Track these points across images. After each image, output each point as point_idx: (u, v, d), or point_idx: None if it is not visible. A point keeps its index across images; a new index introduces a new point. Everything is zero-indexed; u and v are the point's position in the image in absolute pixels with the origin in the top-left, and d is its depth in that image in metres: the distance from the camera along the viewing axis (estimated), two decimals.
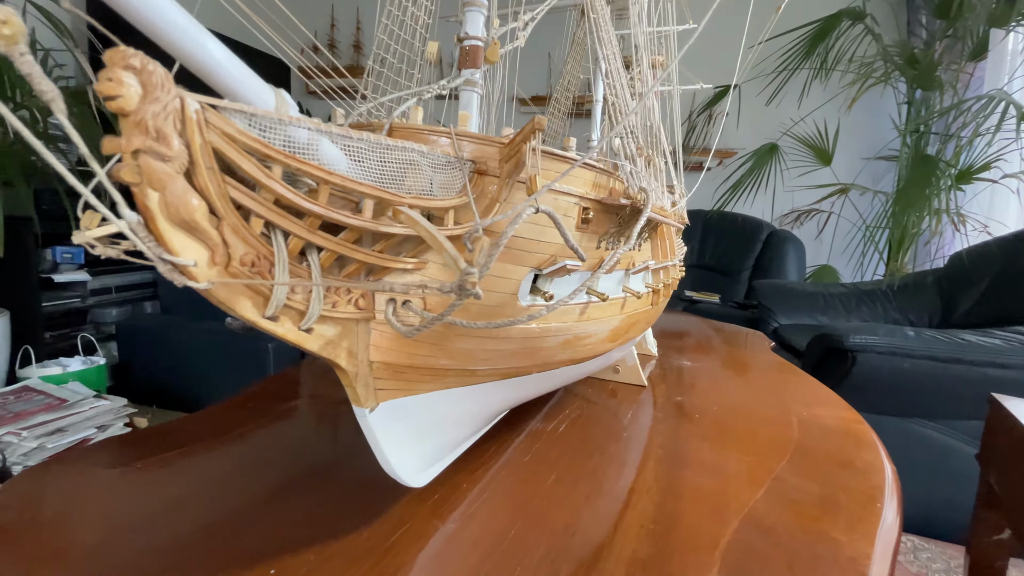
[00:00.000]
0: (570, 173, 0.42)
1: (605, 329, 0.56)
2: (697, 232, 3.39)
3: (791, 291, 2.53)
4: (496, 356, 0.45)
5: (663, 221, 0.54)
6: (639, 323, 0.66)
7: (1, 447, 1.72)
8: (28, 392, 2.08)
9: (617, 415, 0.76)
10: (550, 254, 0.42)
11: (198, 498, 0.52)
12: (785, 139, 3.10)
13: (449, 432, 0.50)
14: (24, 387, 2.07)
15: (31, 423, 1.81)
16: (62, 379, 2.17)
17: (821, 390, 0.93)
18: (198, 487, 0.54)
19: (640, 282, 0.63)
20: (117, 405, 1.99)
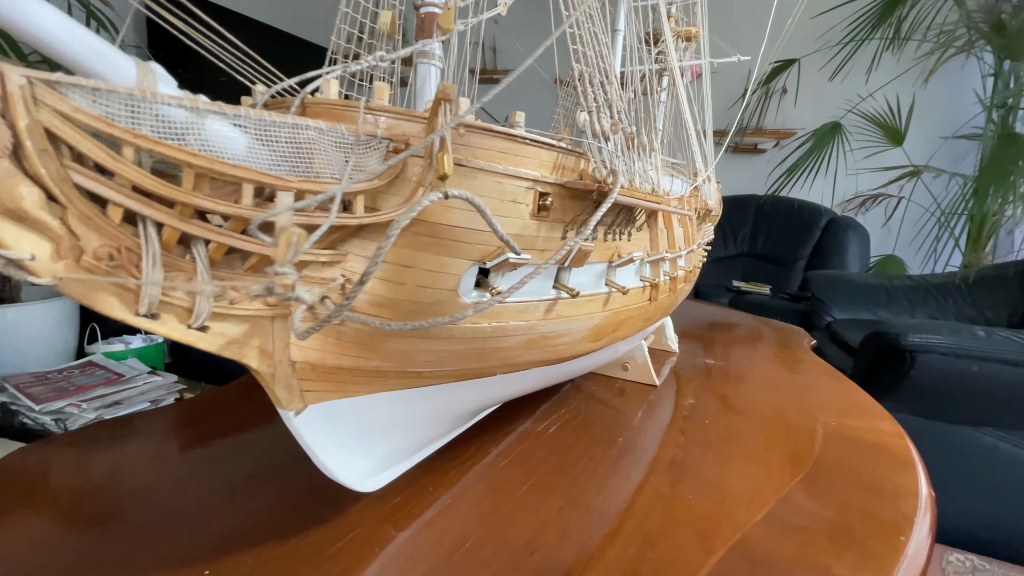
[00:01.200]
0: (522, 153, 0.37)
1: (582, 328, 0.50)
2: (749, 219, 3.21)
3: (849, 283, 2.35)
4: (442, 358, 0.40)
5: (648, 206, 0.47)
6: (632, 320, 0.60)
7: (63, 417, 1.85)
8: (91, 367, 2.22)
9: (618, 417, 0.70)
10: (497, 245, 0.37)
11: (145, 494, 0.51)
12: (850, 117, 2.86)
13: (406, 434, 0.47)
14: (88, 362, 2.21)
15: (90, 396, 1.93)
16: (122, 355, 2.30)
17: (859, 397, 0.83)
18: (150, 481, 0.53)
19: (631, 276, 0.57)
20: (168, 381, 2.10)
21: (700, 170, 0.85)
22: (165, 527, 0.45)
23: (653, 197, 0.51)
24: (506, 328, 0.42)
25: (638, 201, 0.45)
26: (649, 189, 0.51)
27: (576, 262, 0.44)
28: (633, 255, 0.50)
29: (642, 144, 0.53)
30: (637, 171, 0.49)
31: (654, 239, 0.60)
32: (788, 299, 2.70)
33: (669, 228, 0.66)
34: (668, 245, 0.66)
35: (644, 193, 0.49)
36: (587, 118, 0.41)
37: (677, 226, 0.73)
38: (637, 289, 0.58)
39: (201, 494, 0.50)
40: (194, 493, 0.51)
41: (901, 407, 1.56)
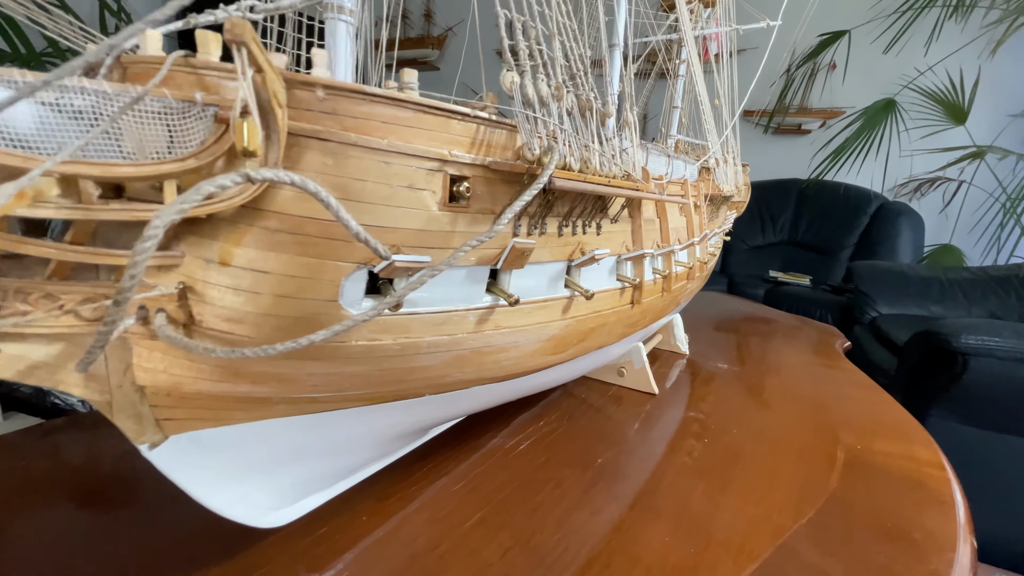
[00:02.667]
0: (419, 125, 0.29)
1: (534, 340, 0.42)
2: (790, 204, 3.02)
3: (897, 275, 2.16)
4: (338, 381, 0.33)
5: (605, 192, 0.38)
6: (608, 327, 0.51)
7: None
8: None
9: (604, 431, 0.62)
10: (392, 243, 0.29)
11: None
12: (905, 93, 2.63)
13: (318, 462, 0.40)
14: None
15: None
16: None
17: (893, 413, 0.72)
18: None
19: (604, 276, 0.48)
20: None
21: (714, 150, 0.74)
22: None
23: (622, 183, 0.41)
24: (419, 345, 0.34)
25: (586, 186, 0.36)
26: (618, 172, 0.42)
27: (512, 263, 0.36)
28: (596, 253, 0.42)
29: (626, 121, 0.44)
30: (601, 150, 0.40)
31: (637, 232, 0.51)
32: (829, 291, 2.52)
33: (663, 218, 0.57)
34: (661, 239, 0.57)
35: (604, 177, 0.40)
36: (515, 80, 0.32)
37: (678, 215, 0.63)
38: (613, 291, 0.49)
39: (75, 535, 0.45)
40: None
41: (950, 415, 1.41)
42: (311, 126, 0.25)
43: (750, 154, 3.17)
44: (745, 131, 3.23)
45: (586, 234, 0.43)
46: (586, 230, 0.43)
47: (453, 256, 0.28)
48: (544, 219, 0.38)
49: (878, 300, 2.13)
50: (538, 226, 0.38)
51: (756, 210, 3.13)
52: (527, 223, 0.37)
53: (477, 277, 0.36)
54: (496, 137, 0.33)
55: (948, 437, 1.39)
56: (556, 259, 0.41)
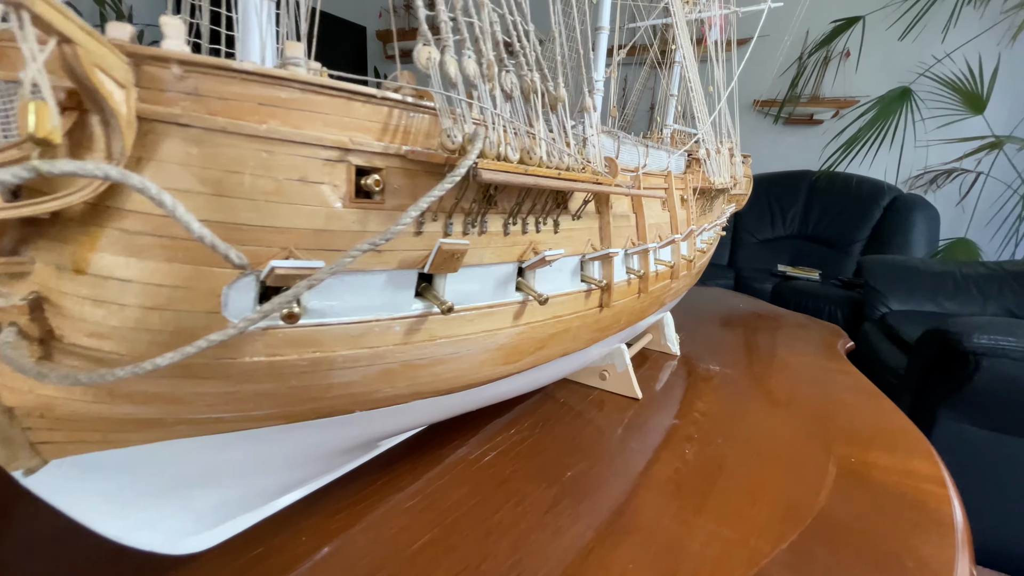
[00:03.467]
0: (311, 108, 0.25)
1: (479, 349, 0.38)
2: (800, 197, 2.94)
3: (910, 269, 2.09)
4: (237, 400, 0.29)
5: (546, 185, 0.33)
6: (571, 333, 0.47)
7: None
8: None
9: (579, 441, 0.58)
10: (283, 245, 0.25)
11: None
12: (921, 82, 2.53)
13: (241, 484, 0.36)
14: None
15: None
16: None
17: (894, 421, 0.67)
18: None
19: (564, 277, 0.44)
20: None
21: (704, 140, 0.69)
22: None
23: (576, 175, 0.37)
24: (333, 360, 0.30)
25: (522, 179, 0.32)
26: (573, 163, 0.38)
27: (442, 266, 0.32)
28: (547, 254, 0.37)
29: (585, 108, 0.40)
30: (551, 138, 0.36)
31: (605, 230, 0.47)
32: (839, 286, 2.46)
33: (639, 214, 0.53)
34: (637, 236, 0.53)
35: (554, 169, 0.35)
36: (432, 56, 0.28)
37: (659, 210, 0.59)
38: (577, 294, 0.45)
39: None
40: None
41: (960, 417, 1.36)
42: (167, 110, 0.22)
43: (760, 145, 3.10)
44: (755, 121, 3.15)
45: (540, 232, 0.39)
46: (540, 228, 0.39)
47: (339, 263, 0.24)
48: (483, 216, 0.34)
49: (889, 296, 2.07)
50: (476, 224, 0.34)
51: (765, 203, 3.06)
52: (462, 221, 0.33)
53: (402, 282, 0.32)
54: (416, 123, 0.29)
55: (957, 439, 1.34)
56: (502, 260, 0.37)
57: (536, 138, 0.34)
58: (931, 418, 1.37)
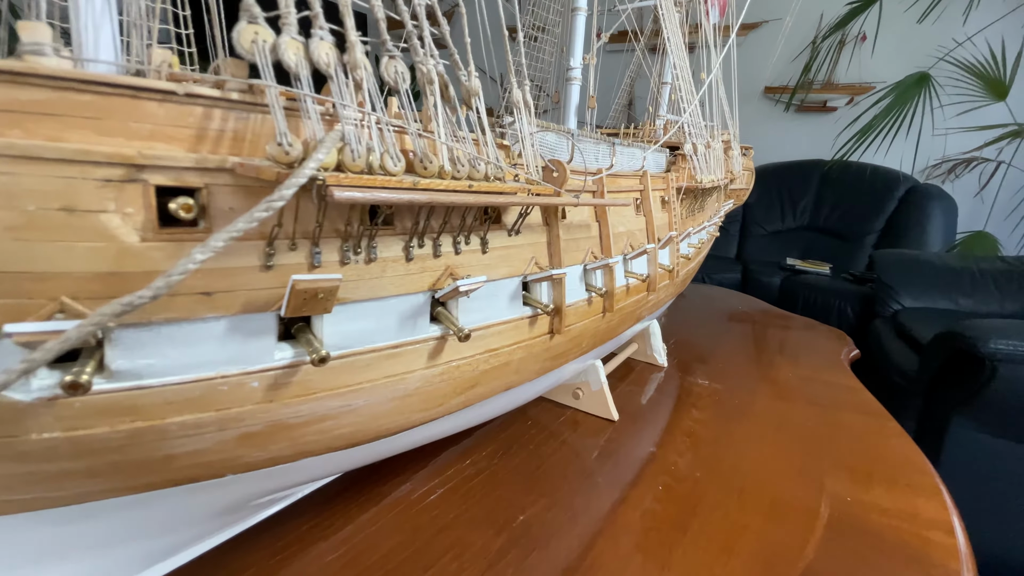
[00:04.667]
0: (81, 112, 0.19)
1: (384, 398, 0.32)
2: (812, 187, 2.84)
3: (924, 265, 2.00)
4: (45, 479, 0.24)
5: (411, 201, 0.27)
6: (512, 365, 0.40)
7: None
8: None
9: (540, 475, 0.52)
10: (54, 296, 0.19)
11: None
12: (941, 66, 2.41)
13: (91, 557, 0.31)
14: None
15: None
16: None
17: (899, 449, 0.61)
18: None
19: (500, 304, 0.38)
20: None
21: (690, 134, 0.62)
22: None
23: (481, 186, 0.30)
24: (163, 430, 0.24)
25: (389, 196, 0.25)
26: (488, 171, 0.31)
27: (304, 307, 0.25)
28: (462, 283, 0.31)
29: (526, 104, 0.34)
30: (452, 141, 0.30)
31: (554, 245, 0.40)
32: (851, 280, 2.36)
33: (603, 222, 0.46)
34: (601, 248, 0.46)
35: (458, 182, 0.28)
36: (257, 35, 0.21)
37: (632, 216, 0.52)
38: (518, 322, 0.39)
39: None
40: None
41: (973, 424, 1.29)
42: None
43: (770, 133, 3.00)
44: (765, 108, 3.05)
45: (461, 254, 0.33)
46: (460, 248, 0.33)
47: (80, 327, 0.18)
48: (371, 240, 0.28)
49: (902, 292, 1.97)
50: (362, 250, 0.28)
51: (775, 193, 2.97)
52: (337, 248, 0.27)
53: (255, 329, 0.26)
54: (255, 126, 0.22)
55: (969, 447, 1.27)
56: (407, 291, 0.31)
57: (439, 142, 0.28)
58: (943, 425, 1.30)
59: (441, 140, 0.28)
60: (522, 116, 0.35)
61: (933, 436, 1.33)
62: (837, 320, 2.17)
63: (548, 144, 0.41)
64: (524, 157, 0.34)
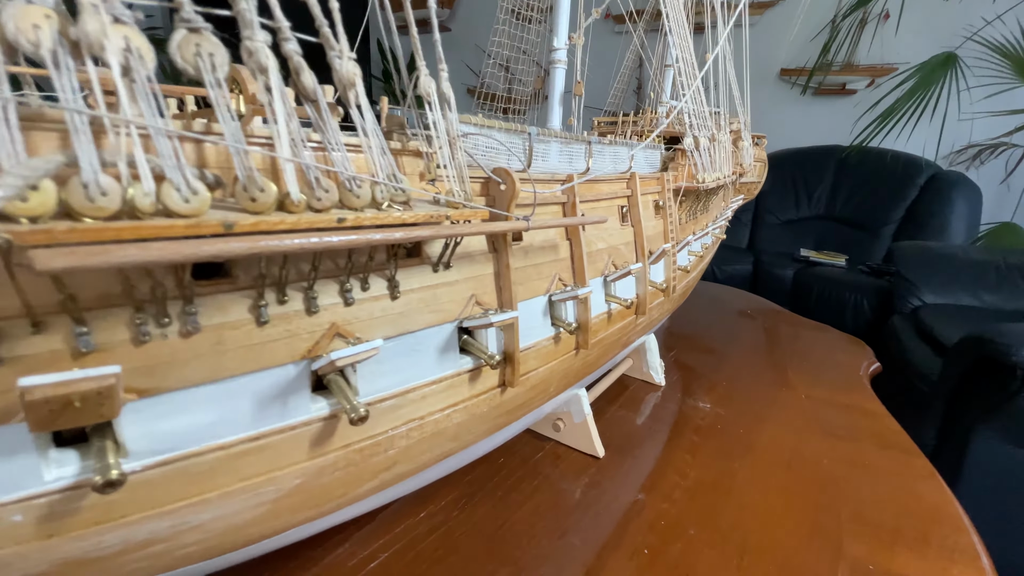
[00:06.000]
0: None
1: (244, 507, 0.24)
2: (828, 174, 2.72)
3: (947, 257, 1.89)
4: None
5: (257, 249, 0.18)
6: (446, 433, 0.32)
7: None
8: None
9: (507, 531, 0.44)
10: None
11: None
12: (968, 47, 2.27)
13: None
14: None
15: None
16: None
17: (926, 497, 0.52)
18: None
19: (427, 361, 0.30)
20: None
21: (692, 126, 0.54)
22: None
23: (320, 220, 0.21)
24: None
25: (121, 254, 0.16)
26: (364, 198, 0.22)
27: (56, 419, 0.17)
28: (337, 356, 0.23)
29: (441, 97, 0.25)
30: (325, 150, 0.21)
31: (503, 277, 0.32)
32: (868, 273, 2.25)
33: (574, 242, 0.38)
34: (574, 274, 0.38)
35: (306, 216, 0.20)
36: None
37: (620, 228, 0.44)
38: (456, 379, 0.31)
39: None
40: None
41: (999, 435, 1.20)
42: None
43: (786, 118, 2.87)
44: (781, 92, 2.91)
45: (352, 304, 0.25)
46: (350, 297, 0.25)
47: None
48: (189, 303, 0.20)
49: (922, 287, 1.87)
50: (172, 320, 0.20)
51: (790, 181, 2.85)
52: (127, 322, 0.19)
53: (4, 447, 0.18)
54: None
55: (994, 459, 1.18)
56: (264, 366, 0.23)
57: (282, 158, 0.20)
58: (965, 435, 1.22)
59: (281, 154, 0.19)
60: (440, 112, 0.26)
61: (955, 446, 1.25)
62: (853, 315, 2.07)
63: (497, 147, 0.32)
64: (445, 167, 0.26)
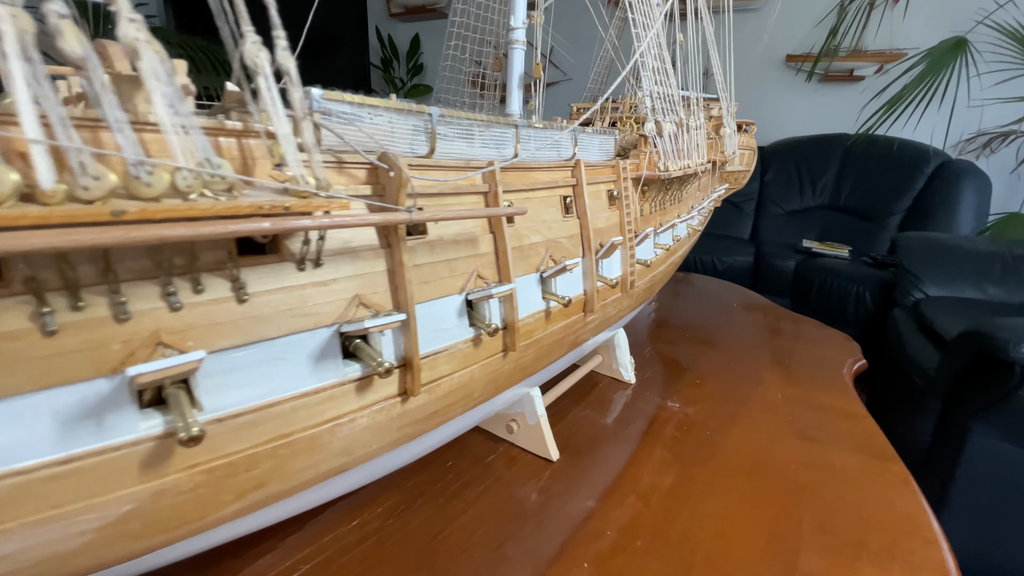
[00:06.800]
0: None
1: (60, 536, 0.20)
2: (833, 163, 2.66)
3: (951, 249, 1.84)
4: None
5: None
6: (329, 449, 0.28)
7: None
8: None
9: (441, 542, 0.42)
10: None
11: None
12: (979, 31, 2.19)
13: None
14: None
15: None
16: None
17: (897, 503, 0.49)
18: None
19: (301, 368, 0.26)
20: None
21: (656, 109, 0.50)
22: None
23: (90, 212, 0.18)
24: None
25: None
26: (162, 185, 0.19)
27: None
28: (134, 372, 0.19)
29: (256, 68, 0.22)
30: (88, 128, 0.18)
31: (397, 273, 0.29)
32: (872, 264, 2.20)
33: (497, 234, 0.35)
34: (499, 269, 0.35)
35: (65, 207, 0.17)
36: None
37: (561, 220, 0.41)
38: (337, 391, 0.28)
39: None
40: None
41: (995, 432, 1.17)
42: None
43: (791, 105, 2.81)
44: (786, 79, 2.85)
45: (180, 309, 0.22)
46: (176, 301, 0.22)
47: None
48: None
49: (925, 279, 1.82)
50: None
51: (794, 170, 2.80)
52: None
53: None
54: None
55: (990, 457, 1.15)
56: (58, 382, 0.20)
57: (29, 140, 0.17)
58: (962, 432, 1.18)
59: (26, 134, 0.16)
60: (271, 87, 0.23)
61: (951, 443, 1.21)
62: (854, 308, 2.03)
63: (392, 130, 0.29)
64: (286, 153, 0.22)
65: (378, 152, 0.27)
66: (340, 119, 0.26)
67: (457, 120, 0.33)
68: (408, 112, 0.30)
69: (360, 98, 0.27)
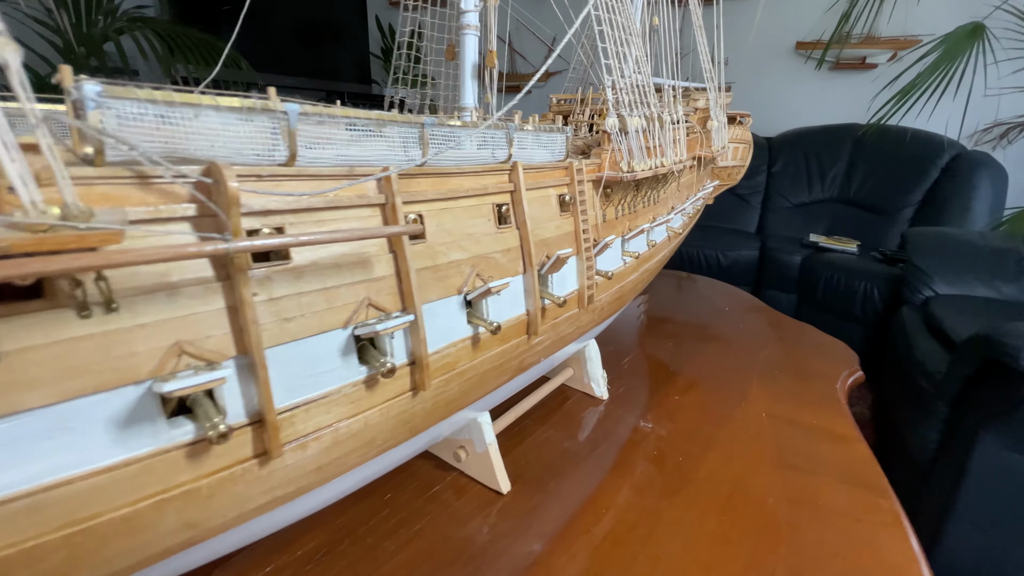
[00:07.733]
0: None
1: None
2: (843, 155, 2.58)
3: (963, 245, 1.76)
4: None
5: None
6: (150, 532, 0.23)
7: None
8: None
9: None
10: None
11: None
12: (997, 16, 2.09)
13: None
14: None
15: None
16: None
17: (887, 550, 0.43)
18: None
19: (100, 439, 0.21)
20: None
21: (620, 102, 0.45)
22: None
23: None
24: None
25: None
26: None
27: None
28: None
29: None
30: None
31: (242, 313, 0.24)
32: (881, 260, 2.12)
33: (398, 254, 0.30)
34: (402, 295, 0.30)
35: None
36: None
37: (495, 231, 0.35)
38: (156, 460, 0.23)
39: None
40: None
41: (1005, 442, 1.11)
42: None
43: (800, 94, 2.72)
44: (796, 67, 2.76)
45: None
46: None
47: None
48: None
49: (935, 277, 1.74)
50: None
51: (803, 161, 2.72)
52: None
53: None
54: None
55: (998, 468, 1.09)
56: None
57: None
58: (969, 440, 1.12)
59: None
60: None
61: (958, 452, 1.15)
62: (862, 305, 1.96)
63: (228, 133, 0.23)
64: (7, 171, 0.17)
65: (206, 163, 0.22)
66: (138, 121, 0.21)
67: (332, 119, 0.27)
68: (250, 110, 0.24)
69: (178, 96, 0.22)
